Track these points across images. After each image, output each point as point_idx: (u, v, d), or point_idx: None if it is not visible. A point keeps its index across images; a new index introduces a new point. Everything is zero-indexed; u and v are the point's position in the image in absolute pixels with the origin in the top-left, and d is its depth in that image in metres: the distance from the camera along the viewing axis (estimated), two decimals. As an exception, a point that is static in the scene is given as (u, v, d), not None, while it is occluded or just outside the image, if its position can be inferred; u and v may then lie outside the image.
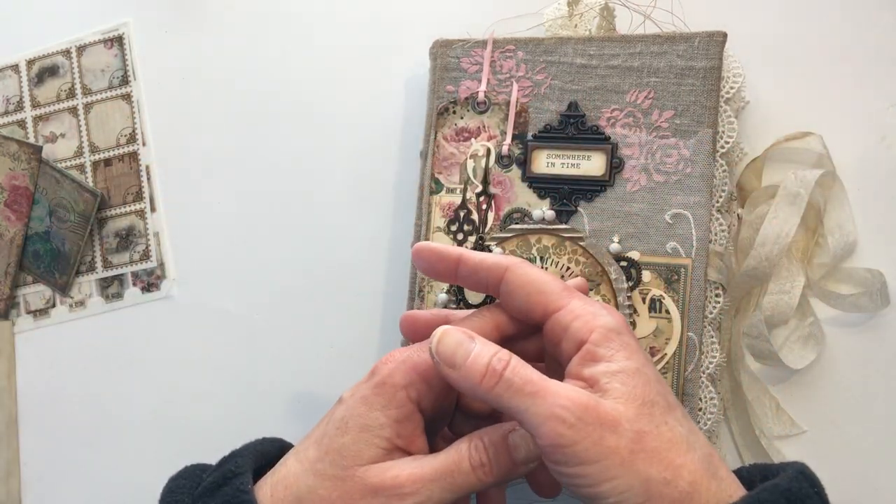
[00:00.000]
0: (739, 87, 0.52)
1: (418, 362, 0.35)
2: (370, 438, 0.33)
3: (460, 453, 0.33)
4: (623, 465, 0.29)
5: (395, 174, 0.64)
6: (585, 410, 0.30)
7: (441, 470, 0.33)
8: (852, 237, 0.52)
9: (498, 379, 0.31)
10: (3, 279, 0.72)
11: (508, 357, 0.32)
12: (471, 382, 0.32)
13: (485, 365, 0.32)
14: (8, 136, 0.73)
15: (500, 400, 0.31)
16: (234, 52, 0.69)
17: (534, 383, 0.31)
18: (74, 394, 0.70)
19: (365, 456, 0.33)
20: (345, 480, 0.32)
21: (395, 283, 0.62)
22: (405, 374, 0.34)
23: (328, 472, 0.33)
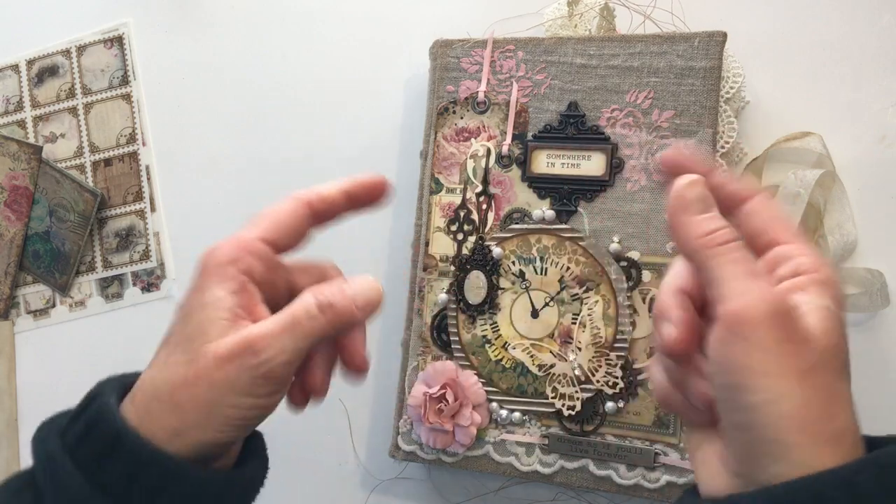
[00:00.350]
0: (739, 87, 0.52)
1: (239, 238, 0.35)
2: (211, 314, 0.33)
3: (305, 301, 0.34)
4: (790, 372, 0.28)
5: (395, 174, 0.64)
6: (787, 312, 0.29)
7: (288, 320, 0.33)
8: (852, 237, 0.52)
9: (724, 242, 0.31)
10: (3, 279, 0.72)
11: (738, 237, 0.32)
12: (694, 232, 0.32)
13: (716, 227, 0.31)
14: (8, 136, 0.73)
15: (713, 261, 0.31)
16: (234, 53, 0.69)
17: (752, 266, 0.31)
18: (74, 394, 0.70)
19: (211, 332, 0.33)
20: (197, 360, 0.32)
21: (395, 284, 0.62)
22: (229, 250, 0.35)
23: (179, 359, 0.33)
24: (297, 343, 0.33)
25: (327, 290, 0.35)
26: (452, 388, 0.53)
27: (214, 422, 0.32)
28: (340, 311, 0.35)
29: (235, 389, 0.32)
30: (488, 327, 0.54)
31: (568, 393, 0.52)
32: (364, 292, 0.36)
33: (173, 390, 0.33)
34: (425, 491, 0.60)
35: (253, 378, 0.32)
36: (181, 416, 0.32)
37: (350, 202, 0.39)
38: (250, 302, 0.34)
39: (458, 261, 0.55)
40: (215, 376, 0.32)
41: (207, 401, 0.32)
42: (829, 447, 0.28)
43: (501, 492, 0.57)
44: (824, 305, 0.31)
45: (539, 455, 0.53)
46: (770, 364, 0.28)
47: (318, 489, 0.63)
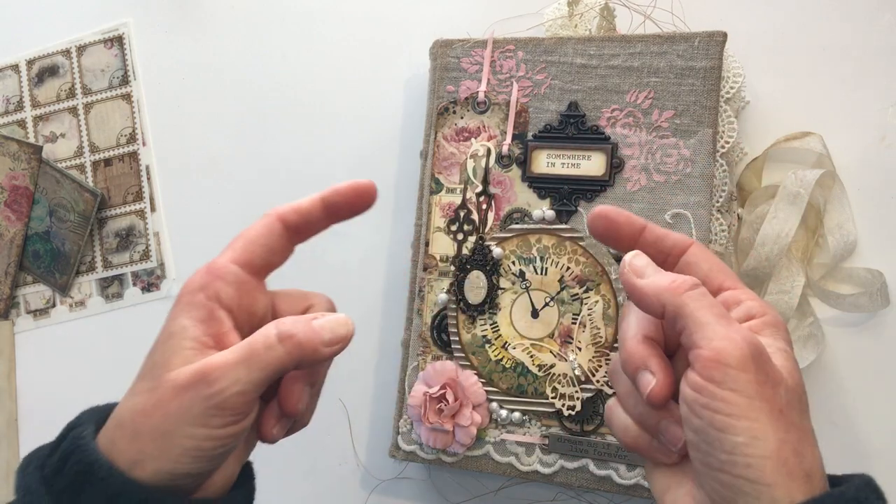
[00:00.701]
0: (739, 87, 0.52)
1: (210, 265, 0.35)
2: (177, 343, 0.33)
3: (265, 331, 0.33)
4: (769, 415, 0.29)
5: (395, 174, 0.64)
6: (761, 354, 0.30)
7: (245, 350, 0.33)
8: (852, 237, 0.52)
9: (690, 288, 0.32)
10: (3, 279, 0.72)
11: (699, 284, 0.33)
12: (659, 286, 0.33)
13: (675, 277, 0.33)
14: (8, 136, 0.73)
15: (684, 307, 0.32)
16: (234, 53, 0.69)
17: (722, 309, 0.32)
18: (74, 394, 0.70)
19: (174, 362, 0.33)
20: (156, 389, 0.32)
21: (395, 283, 0.62)
22: (199, 278, 0.35)
23: (143, 387, 0.33)
24: (252, 374, 0.32)
25: (291, 321, 0.34)
26: (452, 388, 0.53)
27: (171, 452, 0.32)
28: (301, 343, 0.34)
29: (189, 420, 0.32)
30: (488, 327, 0.54)
31: (568, 393, 0.52)
32: (333, 327, 0.35)
33: (134, 418, 0.32)
34: (425, 491, 0.60)
35: (206, 409, 0.32)
36: (140, 445, 0.32)
37: (329, 213, 0.38)
38: (218, 329, 0.34)
39: (458, 261, 0.55)
40: (171, 406, 0.32)
41: (163, 431, 0.32)
42: (802, 484, 0.29)
43: (501, 492, 0.57)
44: (782, 347, 0.32)
45: (539, 455, 0.53)
46: (750, 406, 0.29)
47: (318, 489, 0.63)
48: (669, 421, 0.34)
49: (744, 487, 0.29)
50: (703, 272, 0.35)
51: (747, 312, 0.34)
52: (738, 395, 0.29)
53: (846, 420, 0.52)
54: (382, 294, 0.63)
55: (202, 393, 0.32)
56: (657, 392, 0.33)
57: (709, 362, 0.30)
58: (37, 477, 0.33)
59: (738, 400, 0.29)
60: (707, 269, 0.35)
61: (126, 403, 0.33)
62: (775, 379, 0.30)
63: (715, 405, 0.30)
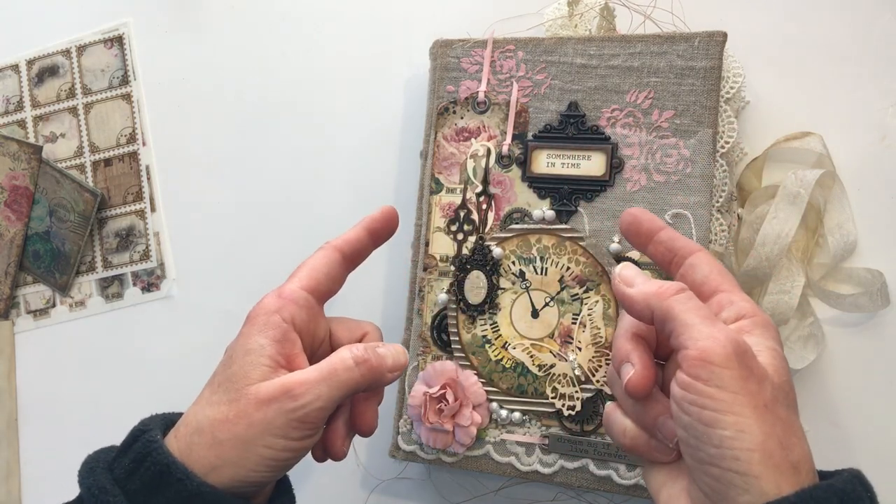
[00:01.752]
0: (739, 87, 0.52)
1: (282, 290, 0.39)
2: (255, 360, 0.36)
3: (342, 356, 0.37)
4: (755, 409, 0.31)
5: (395, 174, 0.64)
6: (745, 352, 0.32)
7: (326, 371, 0.36)
8: (852, 237, 0.52)
9: (676, 292, 0.35)
10: (3, 279, 0.72)
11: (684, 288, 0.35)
12: (647, 292, 0.35)
13: (662, 283, 0.35)
14: (8, 136, 0.73)
15: (670, 310, 0.34)
16: (234, 53, 0.69)
17: (707, 311, 0.34)
18: (74, 394, 0.70)
19: (253, 376, 0.36)
20: (238, 400, 0.35)
21: (395, 284, 0.62)
22: (274, 300, 0.38)
23: (222, 399, 0.36)
24: (333, 391, 0.36)
25: (363, 348, 0.38)
26: (452, 388, 0.53)
27: (249, 460, 0.35)
28: (373, 368, 0.38)
29: (271, 430, 0.35)
30: (488, 327, 0.54)
31: (568, 393, 0.52)
32: (394, 355, 0.40)
33: (214, 427, 0.35)
34: (425, 491, 0.60)
35: (289, 421, 0.35)
36: (219, 451, 0.35)
37: (373, 239, 0.43)
38: (291, 350, 0.38)
39: (458, 261, 0.55)
40: (254, 417, 0.35)
41: (245, 439, 0.35)
42: (790, 476, 0.30)
43: (501, 492, 0.57)
44: (771, 346, 0.34)
45: (539, 455, 0.53)
46: (735, 401, 0.31)
47: (318, 489, 0.63)
48: (665, 417, 0.35)
49: (733, 480, 0.30)
50: (702, 274, 0.37)
51: (738, 313, 0.35)
52: (723, 391, 0.31)
53: (846, 420, 0.52)
54: (382, 294, 0.63)
55: (286, 406, 0.35)
56: (634, 381, 0.35)
57: (695, 361, 0.32)
58: (108, 478, 0.35)
59: (723, 395, 0.31)
60: (707, 272, 0.37)
61: (204, 412, 0.36)
62: (760, 375, 0.32)
63: (702, 401, 0.31)
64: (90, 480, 0.35)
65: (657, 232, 0.39)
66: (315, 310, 0.40)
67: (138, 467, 0.34)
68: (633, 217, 0.40)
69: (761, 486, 0.30)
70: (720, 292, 0.36)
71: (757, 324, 0.35)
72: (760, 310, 0.36)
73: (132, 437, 0.36)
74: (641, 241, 0.40)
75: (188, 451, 0.35)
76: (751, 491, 0.30)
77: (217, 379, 0.37)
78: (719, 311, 0.36)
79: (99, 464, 0.36)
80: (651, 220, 0.40)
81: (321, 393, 0.36)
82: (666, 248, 0.39)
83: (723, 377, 0.31)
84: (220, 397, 0.36)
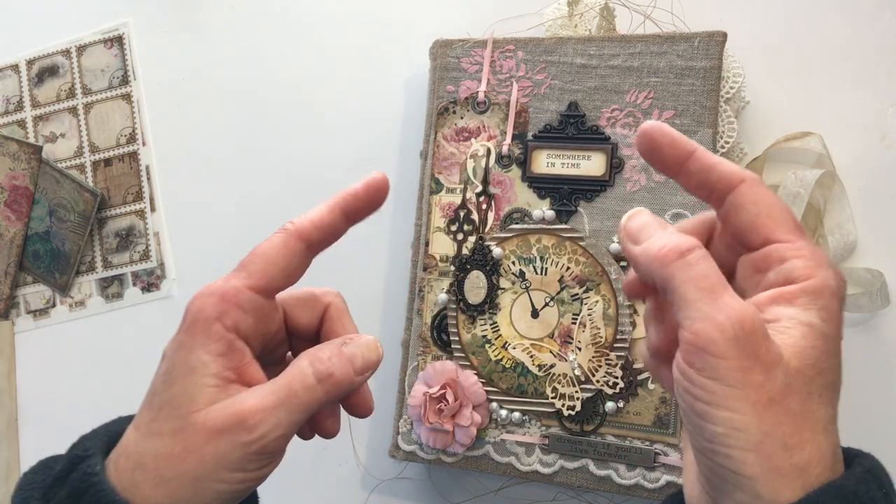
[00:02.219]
0: (739, 87, 0.52)
1: (226, 290, 0.33)
2: (199, 380, 0.31)
3: (302, 370, 0.32)
4: (754, 405, 0.27)
5: (395, 174, 0.64)
6: (752, 334, 0.27)
7: (284, 392, 0.31)
8: (852, 237, 0.52)
9: (678, 257, 0.29)
10: (3, 279, 0.72)
11: (698, 244, 0.29)
12: (649, 255, 0.29)
13: (666, 242, 0.29)
14: (8, 136, 0.73)
15: (671, 280, 0.28)
16: (233, 53, 0.69)
17: (712, 280, 0.28)
18: (74, 394, 0.70)
19: (199, 400, 0.31)
20: (185, 430, 0.31)
21: (395, 283, 0.62)
22: (214, 305, 0.32)
23: (165, 427, 0.31)
24: (293, 416, 0.31)
25: (325, 356, 0.33)
26: (452, 388, 0.53)
27: (203, 497, 0.31)
28: (339, 381, 0.33)
29: (225, 465, 0.30)
30: (488, 327, 0.54)
31: (568, 393, 0.52)
32: (363, 353, 0.34)
33: (158, 463, 0.30)
34: (425, 491, 0.60)
35: (245, 454, 0.30)
36: (168, 490, 0.30)
37: (349, 220, 0.36)
38: (240, 362, 0.32)
39: (458, 261, 0.55)
40: (205, 451, 0.30)
41: (195, 476, 0.30)
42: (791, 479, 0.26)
43: (501, 492, 0.57)
44: (807, 321, 0.28)
45: (539, 455, 0.53)
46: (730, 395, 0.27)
47: (318, 489, 0.63)
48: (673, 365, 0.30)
49: (726, 476, 0.27)
50: (748, 218, 0.30)
51: (787, 275, 0.29)
52: (717, 384, 0.27)
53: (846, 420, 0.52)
54: (382, 294, 0.63)
55: (241, 439, 0.30)
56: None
57: (689, 346, 0.27)
58: None
59: (717, 388, 0.27)
60: (754, 215, 0.30)
61: (146, 444, 0.31)
62: (769, 362, 0.27)
63: (695, 391, 0.27)
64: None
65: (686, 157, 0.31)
66: (265, 309, 0.34)
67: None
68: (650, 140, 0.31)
69: (755, 489, 0.26)
70: (773, 242, 0.29)
71: (806, 290, 0.28)
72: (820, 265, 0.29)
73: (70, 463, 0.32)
74: (669, 169, 0.32)
75: (133, 489, 0.30)
76: (745, 490, 0.27)
77: (157, 401, 0.32)
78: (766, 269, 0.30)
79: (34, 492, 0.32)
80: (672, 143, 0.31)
81: (280, 421, 0.31)
82: (699, 181, 0.31)
83: (718, 367, 0.26)
84: (163, 425, 0.31)
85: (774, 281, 0.29)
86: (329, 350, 0.33)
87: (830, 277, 0.29)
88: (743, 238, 0.31)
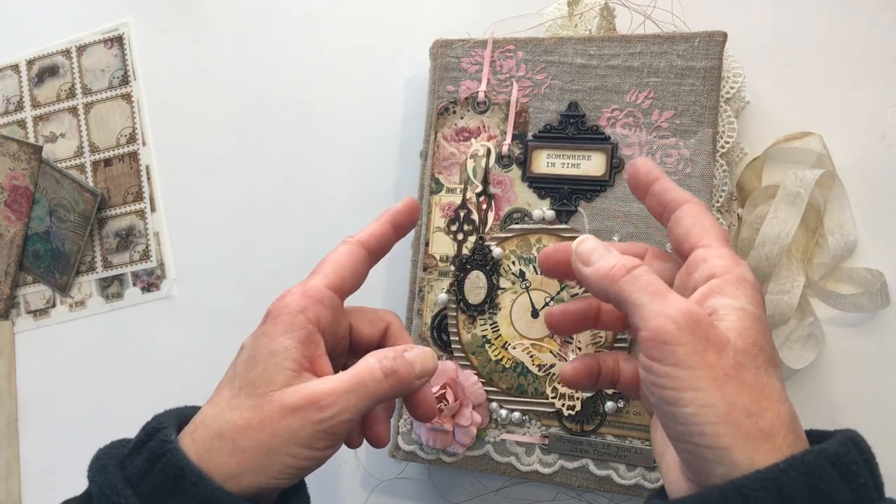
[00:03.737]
0: (739, 87, 0.52)
1: (308, 288, 0.38)
2: (279, 363, 0.35)
3: (370, 365, 0.36)
4: (714, 381, 0.30)
5: (395, 174, 0.64)
6: (699, 322, 0.31)
7: (355, 381, 0.35)
8: (852, 237, 0.52)
9: (626, 272, 0.34)
10: (3, 279, 0.72)
11: (639, 262, 0.34)
12: (600, 275, 0.35)
13: (615, 262, 0.34)
14: (8, 136, 0.73)
15: (622, 292, 0.33)
16: (233, 53, 0.69)
17: (657, 286, 0.33)
18: (74, 394, 0.70)
19: (277, 381, 0.35)
20: (262, 406, 0.34)
21: (395, 283, 0.62)
22: (299, 299, 0.37)
23: (245, 403, 0.34)
24: (360, 403, 0.35)
25: (392, 356, 0.37)
26: (452, 388, 0.53)
27: (272, 468, 0.34)
28: (401, 379, 0.37)
29: (296, 440, 0.34)
30: (488, 327, 0.54)
31: (568, 393, 0.52)
32: (422, 361, 0.38)
33: (236, 433, 0.34)
34: (425, 491, 0.60)
35: (315, 432, 0.34)
36: (241, 458, 0.34)
37: (397, 232, 0.42)
38: (315, 353, 0.37)
39: (458, 261, 0.55)
40: (279, 425, 0.34)
41: (268, 447, 0.34)
42: (761, 443, 0.29)
43: (501, 492, 0.57)
44: (739, 306, 0.32)
45: (539, 455, 0.53)
46: (692, 376, 0.30)
47: (318, 489, 0.63)
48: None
49: (705, 454, 0.30)
50: (683, 230, 0.36)
51: (710, 272, 0.34)
52: (679, 369, 0.30)
53: (846, 420, 0.52)
54: (382, 294, 0.63)
55: (313, 417, 0.34)
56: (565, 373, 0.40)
57: (648, 342, 0.31)
58: (120, 476, 0.34)
59: (679, 373, 0.30)
60: (689, 226, 0.35)
61: (225, 415, 0.35)
62: (718, 343, 0.30)
63: (661, 381, 0.31)
64: (101, 478, 0.34)
65: (652, 184, 0.37)
66: (339, 309, 0.39)
67: (152, 468, 0.33)
68: (633, 169, 0.38)
69: (732, 458, 0.29)
70: (697, 248, 0.35)
71: (728, 282, 0.33)
72: (737, 263, 0.34)
73: (146, 434, 0.35)
74: (640, 193, 0.38)
75: (207, 455, 0.34)
76: (723, 462, 0.29)
77: (238, 381, 0.36)
78: (693, 271, 0.34)
79: (111, 460, 0.35)
80: (648, 172, 0.38)
81: (349, 405, 0.35)
82: (658, 201, 0.37)
83: (676, 354, 0.30)
84: (243, 401, 0.35)
85: (699, 279, 0.34)
86: (393, 352, 0.38)
87: (747, 272, 0.34)
88: (679, 247, 0.36)
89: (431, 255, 0.56)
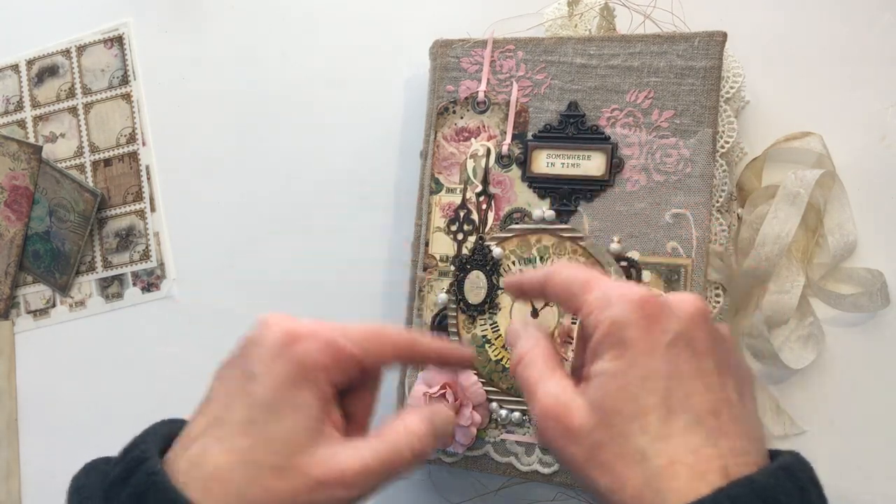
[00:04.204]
0: (739, 87, 0.52)
1: (341, 347, 0.35)
2: (303, 421, 0.33)
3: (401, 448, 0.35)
4: (580, 472, 0.31)
5: (395, 174, 0.64)
6: (556, 420, 0.32)
7: (386, 464, 0.34)
8: (852, 237, 0.52)
9: (518, 363, 0.36)
10: (3, 279, 0.72)
11: (528, 351, 0.35)
12: (513, 363, 0.36)
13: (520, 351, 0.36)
14: (8, 136, 0.73)
15: (521, 382, 0.35)
16: (233, 52, 0.69)
17: (531, 384, 0.34)
18: (74, 394, 0.70)
19: (301, 442, 0.33)
20: (288, 472, 0.32)
21: (394, 283, 0.62)
22: (330, 356, 0.35)
23: (268, 461, 0.32)
24: (386, 483, 0.34)
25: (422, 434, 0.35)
26: (452, 388, 0.53)
27: None
28: (426, 455, 0.36)
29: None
30: (488, 327, 0.54)
31: (568, 393, 0.52)
32: (444, 428, 0.37)
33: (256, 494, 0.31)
34: (425, 491, 0.60)
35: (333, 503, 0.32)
36: None
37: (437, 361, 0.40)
38: (331, 409, 0.35)
39: (458, 261, 0.55)
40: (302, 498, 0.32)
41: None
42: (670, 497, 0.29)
43: (501, 492, 0.57)
44: (600, 370, 0.32)
45: (539, 455, 0.53)
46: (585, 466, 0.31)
47: (318, 489, 0.63)
48: None
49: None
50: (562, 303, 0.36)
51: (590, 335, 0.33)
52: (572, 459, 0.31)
53: (846, 420, 0.52)
54: (382, 294, 0.63)
55: (337, 495, 0.32)
56: None
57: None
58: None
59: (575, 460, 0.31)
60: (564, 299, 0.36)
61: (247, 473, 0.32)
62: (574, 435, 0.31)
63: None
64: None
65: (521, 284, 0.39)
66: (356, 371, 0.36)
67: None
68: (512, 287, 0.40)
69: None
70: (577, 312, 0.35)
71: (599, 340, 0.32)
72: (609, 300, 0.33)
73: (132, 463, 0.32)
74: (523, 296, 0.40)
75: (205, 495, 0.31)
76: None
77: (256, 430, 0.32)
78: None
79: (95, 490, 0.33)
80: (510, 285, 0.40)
81: (375, 487, 0.33)
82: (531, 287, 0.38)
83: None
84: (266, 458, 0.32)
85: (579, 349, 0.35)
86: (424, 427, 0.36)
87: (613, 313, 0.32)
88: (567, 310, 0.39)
89: (431, 255, 0.56)
